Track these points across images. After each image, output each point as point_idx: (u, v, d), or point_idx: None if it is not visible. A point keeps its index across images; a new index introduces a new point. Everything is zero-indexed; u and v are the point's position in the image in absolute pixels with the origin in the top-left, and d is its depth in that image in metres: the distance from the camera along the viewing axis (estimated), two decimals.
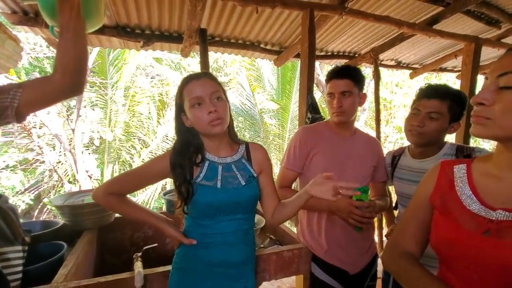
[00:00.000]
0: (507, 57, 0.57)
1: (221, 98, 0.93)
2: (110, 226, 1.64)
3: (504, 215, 0.56)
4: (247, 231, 0.99)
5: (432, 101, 1.13)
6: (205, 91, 0.90)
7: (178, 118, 0.96)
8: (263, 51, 2.80)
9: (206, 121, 0.89)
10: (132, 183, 0.98)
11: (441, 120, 1.12)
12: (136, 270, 1.04)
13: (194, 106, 0.90)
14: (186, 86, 0.93)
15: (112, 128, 5.47)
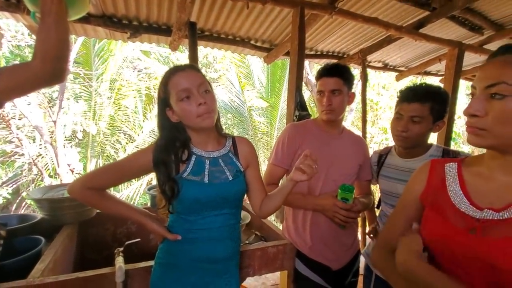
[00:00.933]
0: (492, 67, 0.58)
1: (209, 90, 0.91)
2: (91, 221, 1.59)
3: (490, 214, 0.58)
4: (233, 226, 0.98)
5: (413, 104, 1.13)
6: (192, 83, 0.87)
7: (162, 113, 0.92)
8: (253, 48, 2.79)
9: (195, 114, 0.87)
10: (112, 177, 0.94)
11: (424, 122, 1.14)
12: (117, 265, 1.02)
13: (182, 99, 0.86)
14: (172, 78, 0.89)
15: (96, 121, 5.31)
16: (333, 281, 1.28)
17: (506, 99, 0.54)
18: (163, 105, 0.91)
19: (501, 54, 0.58)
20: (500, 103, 0.55)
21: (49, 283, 0.95)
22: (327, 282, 1.26)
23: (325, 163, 1.27)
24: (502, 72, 0.55)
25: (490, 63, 0.59)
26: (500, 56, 0.58)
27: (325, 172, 1.26)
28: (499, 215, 0.57)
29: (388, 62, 3.54)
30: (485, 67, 0.59)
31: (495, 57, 0.59)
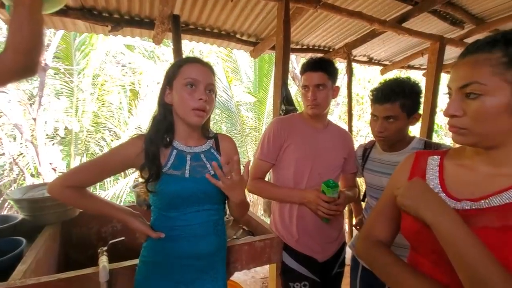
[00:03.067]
0: (463, 67, 0.59)
1: (213, 92, 0.94)
2: (75, 221, 1.56)
3: (468, 205, 0.60)
4: (216, 222, 0.98)
5: (384, 105, 1.14)
6: (205, 78, 0.90)
7: (163, 89, 0.94)
8: (239, 42, 2.76)
9: (191, 106, 0.88)
10: (94, 174, 0.92)
11: (399, 120, 1.15)
12: (100, 265, 1.00)
13: (187, 85, 0.89)
14: (189, 64, 0.92)
15: (79, 118, 5.15)
16: (320, 273, 1.30)
17: (480, 98, 0.56)
18: (166, 83, 0.94)
19: (470, 53, 0.58)
20: (475, 102, 0.56)
21: (30, 285, 0.92)
22: (314, 274, 1.29)
23: (311, 157, 1.28)
24: (474, 72, 0.56)
25: (461, 64, 0.60)
26: (469, 55, 0.59)
27: (311, 166, 1.28)
28: (477, 204, 0.59)
29: (372, 56, 3.58)
30: (457, 67, 0.61)
31: (465, 56, 0.59)
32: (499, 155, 0.59)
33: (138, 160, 0.90)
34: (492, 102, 0.55)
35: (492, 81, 0.54)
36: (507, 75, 0.53)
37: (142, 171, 0.92)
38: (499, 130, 0.56)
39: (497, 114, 0.55)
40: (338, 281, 1.41)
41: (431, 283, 0.62)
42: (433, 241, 0.63)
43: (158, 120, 0.95)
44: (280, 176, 1.34)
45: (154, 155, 0.90)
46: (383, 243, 0.76)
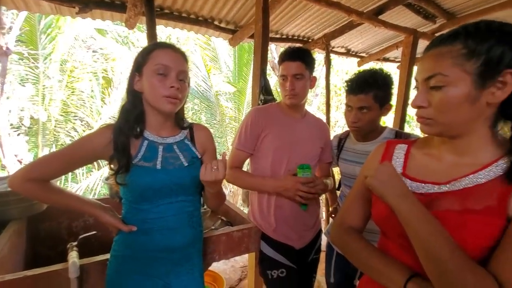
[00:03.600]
0: (427, 60, 0.61)
1: (186, 80, 0.90)
2: (42, 215, 1.47)
3: (432, 188, 0.63)
4: (191, 213, 0.96)
5: (358, 96, 1.17)
6: (176, 65, 0.86)
7: (131, 76, 0.89)
8: (217, 29, 2.68)
9: (162, 94, 0.84)
10: (58, 166, 0.86)
11: (372, 110, 1.19)
12: (70, 260, 0.96)
13: (157, 72, 0.84)
14: (159, 50, 0.86)
15: (46, 106, 4.82)
16: (296, 260, 1.33)
17: (443, 89, 0.58)
18: (135, 69, 0.88)
19: (434, 46, 0.61)
20: (439, 94, 0.59)
21: None
22: (291, 261, 1.32)
23: (288, 146, 1.29)
24: (437, 64, 0.59)
25: (426, 56, 0.62)
26: (433, 48, 0.61)
27: (288, 155, 1.29)
28: (440, 188, 0.62)
29: (350, 48, 3.63)
30: (422, 60, 0.63)
31: (430, 49, 0.62)
32: (462, 144, 0.62)
33: (107, 151, 0.86)
34: (454, 92, 0.57)
35: (453, 72, 0.57)
36: (466, 66, 0.56)
37: (112, 162, 0.87)
38: (461, 119, 0.59)
39: (458, 104, 0.57)
40: (314, 266, 1.46)
41: (397, 266, 0.65)
42: (400, 226, 0.66)
43: (127, 109, 0.90)
44: (258, 166, 1.34)
45: (123, 146, 0.85)
46: (355, 229, 0.78)
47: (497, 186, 0.56)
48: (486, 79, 0.55)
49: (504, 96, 0.56)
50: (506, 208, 0.54)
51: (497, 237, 0.54)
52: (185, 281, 0.93)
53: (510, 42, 0.54)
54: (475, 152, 0.61)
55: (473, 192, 0.58)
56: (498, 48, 0.54)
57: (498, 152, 0.59)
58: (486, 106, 0.57)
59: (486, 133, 0.60)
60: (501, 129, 0.61)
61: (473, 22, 0.58)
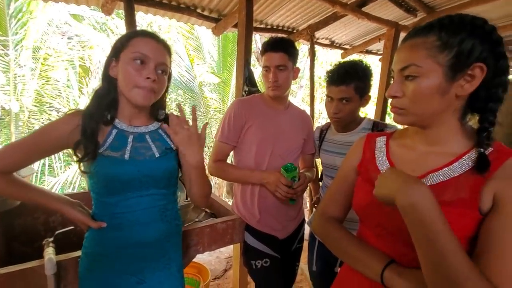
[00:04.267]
0: (403, 51, 0.62)
1: (165, 72, 0.85)
2: (16, 211, 1.41)
3: None
4: (164, 207, 0.91)
5: (339, 87, 1.19)
6: (156, 57, 0.82)
7: (108, 61, 0.85)
8: (200, 17, 2.60)
9: (135, 83, 0.80)
10: (19, 157, 0.80)
11: (353, 101, 1.21)
12: (46, 257, 0.92)
13: (135, 60, 0.80)
14: (140, 37, 0.82)
15: (18, 96, 4.55)
16: (280, 249, 1.36)
17: (416, 80, 0.59)
18: (112, 54, 0.84)
19: (410, 38, 0.62)
20: (412, 84, 0.60)
21: None
22: (274, 251, 1.34)
23: (272, 138, 1.29)
24: (411, 55, 0.60)
25: (402, 47, 0.63)
26: (409, 40, 0.62)
27: (272, 147, 1.29)
28: None
29: (334, 40, 3.65)
30: (399, 50, 0.64)
31: (406, 40, 0.63)
32: (433, 134, 0.65)
33: (72, 137, 0.81)
34: (426, 83, 0.58)
35: (426, 64, 0.58)
36: (439, 58, 0.57)
37: (77, 149, 0.82)
38: (432, 110, 0.61)
39: (430, 95, 0.59)
40: (297, 255, 1.49)
41: (375, 253, 0.67)
42: (379, 215, 0.68)
43: (100, 94, 0.86)
44: (241, 158, 1.33)
45: (92, 132, 0.81)
46: (335, 219, 0.80)
47: (470, 178, 0.58)
48: (456, 71, 0.57)
49: (471, 89, 0.58)
50: (478, 200, 0.56)
51: (471, 229, 0.56)
52: (161, 276, 0.90)
53: (481, 36, 0.55)
54: (446, 142, 0.63)
55: (448, 185, 0.60)
56: (469, 41, 0.55)
57: (469, 143, 0.62)
58: (455, 98, 0.59)
59: (455, 124, 0.62)
60: (470, 121, 0.64)
61: (448, 15, 0.59)
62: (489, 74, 0.56)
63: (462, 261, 0.50)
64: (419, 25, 0.62)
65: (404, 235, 0.63)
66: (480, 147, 0.59)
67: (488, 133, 0.58)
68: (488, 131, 0.58)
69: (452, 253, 0.50)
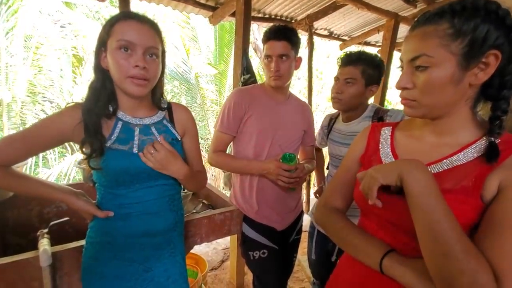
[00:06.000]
0: (413, 40, 0.60)
1: (156, 55, 0.79)
2: (9, 202, 1.38)
3: None
4: (172, 197, 0.92)
5: (347, 68, 1.21)
6: (142, 40, 0.75)
7: (98, 53, 0.79)
8: (196, 5, 2.53)
9: (126, 74, 0.75)
10: (19, 150, 0.77)
11: (357, 85, 1.20)
12: (40, 248, 0.90)
13: (120, 48, 0.74)
14: (122, 22, 0.75)
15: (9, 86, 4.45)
16: (278, 241, 1.35)
17: (428, 70, 0.57)
18: (99, 44, 0.78)
19: (419, 25, 0.59)
20: (424, 74, 0.58)
21: None
22: (272, 242, 1.33)
23: (272, 129, 1.27)
24: (422, 45, 0.57)
25: (412, 36, 0.60)
26: (418, 28, 0.59)
27: (272, 138, 1.27)
28: None
29: (333, 31, 3.60)
30: (408, 39, 0.61)
31: (415, 28, 0.60)
32: (443, 124, 0.63)
33: (76, 133, 0.78)
34: (439, 73, 0.56)
35: (438, 53, 0.55)
36: (452, 47, 0.55)
37: (83, 145, 0.80)
38: (445, 101, 0.59)
39: (443, 86, 0.57)
40: (295, 247, 1.49)
41: (375, 242, 0.67)
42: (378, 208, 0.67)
43: (96, 88, 0.81)
44: (241, 148, 1.31)
45: (95, 128, 0.78)
46: (338, 210, 0.79)
47: (476, 166, 0.57)
48: (470, 60, 0.54)
49: (486, 78, 0.55)
50: (480, 188, 0.55)
51: (470, 216, 0.56)
52: (166, 264, 0.91)
53: (495, 21, 0.53)
54: (456, 133, 0.62)
55: (451, 173, 0.59)
56: (483, 27, 0.53)
57: (478, 133, 0.60)
58: (469, 87, 0.57)
59: (467, 113, 0.61)
60: (481, 110, 0.62)
61: (459, 1, 0.56)
62: (504, 61, 0.54)
63: (454, 229, 0.51)
64: (429, 11, 0.59)
65: (405, 225, 0.62)
66: (491, 135, 0.57)
67: (500, 122, 0.57)
68: (501, 119, 0.57)
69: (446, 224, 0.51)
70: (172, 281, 0.93)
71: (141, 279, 0.87)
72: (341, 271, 0.80)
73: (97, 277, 0.86)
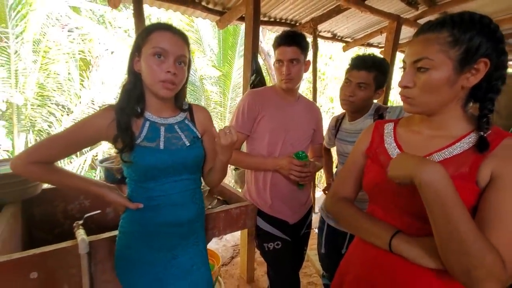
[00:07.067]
0: (416, 44, 0.68)
1: (185, 63, 0.90)
2: (37, 199, 1.47)
3: None
4: (194, 191, 1.01)
5: (361, 72, 1.26)
6: (175, 49, 0.86)
7: (131, 57, 0.89)
8: (204, 10, 2.62)
9: (158, 78, 0.85)
10: (61, 148, 0.87)
11: (369, 89, 1.28)
12: (79, 237, 0.99)
13: (155, 55, 0.84)
14: (158, 32, 0.86)
15: (20, 90, 4.55)
16: (290, 233, 1.43)
17: (429, 71, 0.66)
18: (134, 49, 0.89)
19: (423, 32, 0.68)
20: (424, 75, 0.66)
21: (1, 263, 0.88)
22: (285, 234, 1.41)
23: (283, 128, 1.35)
24: (424, 49, 0.66)
25: (415, 41, 0.69)
26: (422, 34, 0.68)
27: (284, 136, 1.35)
28: None
29: (336, 33, 3.68)
30: (411, 44, 0.70)
31: (419, 35, 0.69)
32: (438, 120, 0.72)
33: (110, 131, 0.87)
34: (437, 75, 0.65)
35: (438, 57, 0.64)
36: (450, 53, 0.63)
37: (116, 142, 0.89)
38: (440, 99, 0.68)
39: (440, 86, 0.66)
40: (305, 240, 1.57)
41: (384, 225, 0.75)
42: (387, 192, 0.75)
43: (128, 89, 0.91)
44: (254, 146, 1.40)
45: (126, 125, 0.87)
46: (347, 198, 0.88)
47: (470, 156, 0.66)
48: (464, 65, 0.63)
49: (476, 81, 0.65)
50: (476, 174, 0.64)
51: (469, 200, 0.64)
52: (191, 252, 1.00)
53: (487, 34, 0.62)
54: (449, 127, 0.71)
55: (450, 161, 0.67)
56: (477, 38, 0.62)
57: (469, 127, 0.69)
58: (461, 89, 0.66)
59: (459, 111, 0.70)
60: (471, 108, 0.71)
61: (458, 13, 0.65)
62: (491, 68, 0.63)
63: (472, 228, 0.57)
64: (431, 21, 0.68)
65: (410, 208, 0.71)
66: (480, 130, 0.66)
67: (487, 119, 0.66)
68: (487, 117, 0.66)
69: (463, 222, 0.57)
70: (196, 268, 1.01)
71: (169, 266, 0.95)
72: (353, 253, 0.88)
73: (130, 263, 0.94)
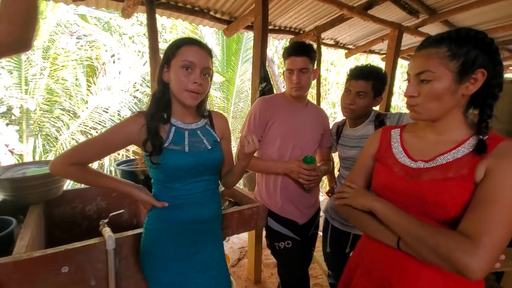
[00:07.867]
0: (419, 59, 0.76)
1: (209, 75, 0.99)
2: (57, 201, 1.55)
3: (422, 164, 0.80)
4: (214, 191, 1.09)
5: (359, 82, 1.33)
6: (201, 62, 0.95)
7: (161, 68, 0.98)
8: (212, 19, 2.73)
9: (185, 88, 0.94)
10: (95, 151, 0.96)
11: (368, 97, 1.35)
12: (106, 234, 1.06)
13: (183, 67, 0.93)
14: (187, 46, 0.95)
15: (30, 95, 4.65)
16: (299, 233, 1.50)
17: (431, 83, 0.74)
18: (164, 61, 0.98)
19: (424, 47, 0.76)
20: (427, 86, 0.75)
21: (37, 257, 0.96)
22: (295, 234, 1.48)
23: (293, 133, 1.43)
24: (426, 63, 0.74)
25: (417, 55, 0.77)
26: (423, 49, 0.76)
27: (293, 141, 1.43)
28: (428, 164, 0.79)
29: (339, 40, 3.78)
30: (414, 58, 0.78)
31: (421, 50, 0.77)
32: (441, 125, 0.79)
33: (140, 136, 0.96)
34: (439, 85, 0.73)
35: (439, 70, 0.72)
36: (449, 65, 0.71)
37: (145, 146, 0.97)
38: (443, 107, 0.75)
39: (442, 95, 0.73)
40: (313, 240, 1.63)
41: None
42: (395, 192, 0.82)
43: (158, 97, 1.00)
44: (265, 150, 1.47)
45: (156, 131, 0.96)
46: None
47: (469, 158, 0.73)
48: (463, 76, 0.71)
49: (474, 90, 0.72)
50: (473, 174, 0.71)
51: (467, 197, 0.71)
52: (211, 248, 1.07)
53: (482, 47, 0.70)
54: (451, 132, 0.78)
55: (452, 165, 0.75)
56: (473, 52, 0.70)
57: (469, 132, 0.77)
58: (462, 97, 0.74)
59: (460, 117, 0.77)
60: (471, 114, 0.79)
61: (455, 29, 0.73)
62: (488, 77, 0.71)
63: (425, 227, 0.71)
64: (432, 37, 0.76)
65: (416, 206, 0.78)
66: (479, 134, 0.73)
67: (486, 124, 0.74)
68: (486, 122, 0.74)
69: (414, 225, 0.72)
70: (215, 263, 1.08)
71: (192, 260, 1.02)
72: (363, 248, 0.95)
73: (155, 258, 1.01)
